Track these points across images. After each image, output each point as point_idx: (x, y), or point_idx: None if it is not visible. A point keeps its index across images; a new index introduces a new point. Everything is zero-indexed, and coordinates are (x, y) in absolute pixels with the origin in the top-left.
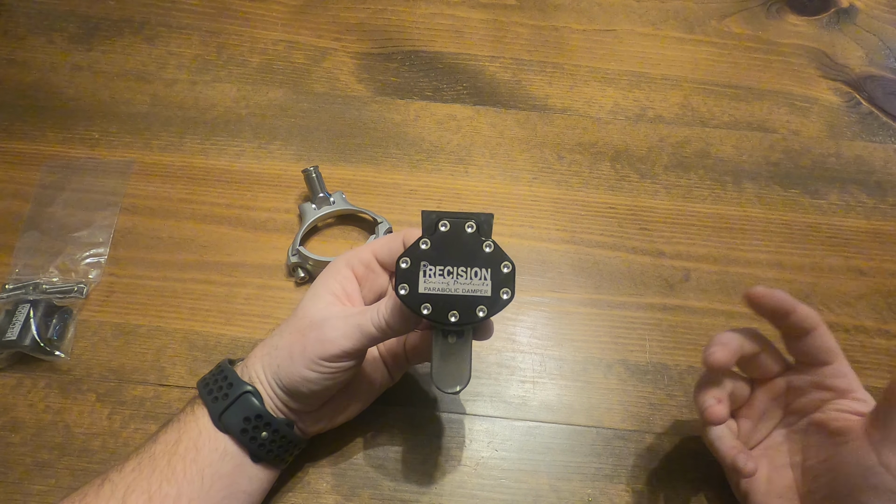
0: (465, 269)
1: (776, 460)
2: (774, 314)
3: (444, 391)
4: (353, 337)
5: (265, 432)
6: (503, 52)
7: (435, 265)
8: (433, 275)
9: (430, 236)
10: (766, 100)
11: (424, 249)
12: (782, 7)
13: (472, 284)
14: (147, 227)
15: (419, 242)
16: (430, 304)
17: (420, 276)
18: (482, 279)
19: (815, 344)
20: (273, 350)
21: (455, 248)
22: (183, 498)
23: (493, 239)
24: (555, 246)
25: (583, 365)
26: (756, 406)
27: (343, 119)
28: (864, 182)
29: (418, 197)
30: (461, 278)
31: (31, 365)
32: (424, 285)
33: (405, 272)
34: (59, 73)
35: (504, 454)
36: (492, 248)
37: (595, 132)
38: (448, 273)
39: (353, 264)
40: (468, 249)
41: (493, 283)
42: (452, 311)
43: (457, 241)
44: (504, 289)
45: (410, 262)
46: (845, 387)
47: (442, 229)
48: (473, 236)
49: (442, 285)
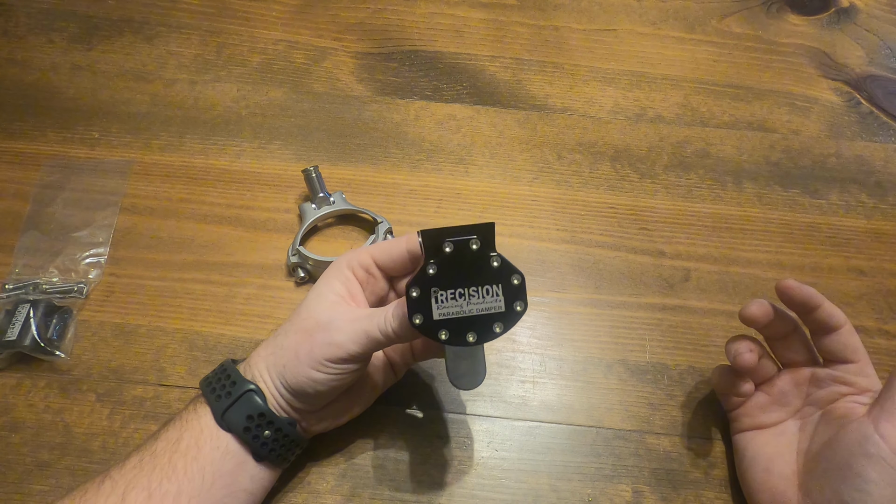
0: (476, 289)
1: (784, 445)
2: (803, 307)
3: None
4: (360, 342)
5: (268, 431)
6: (503, 52)
7: (446, 289)
8: (446, 299)
9: (436, 259)
10: (767, 100)
11: (433, 275)
12: (782, 7)
13: (485, 303)
14: (147, 227)
15: (426, 268)
16: (446, 329)
17: (433, 303)
18: (494, 295)
19: (841, 341)
20: (278, 350)
21: (463, 268)
22: (183, 495)
23: (498, 252)
24: (555, 246)
25: (583, 365)
26: (777, 385)
27: (343, 119)
28: (864, 182)
29: (418, 197)
30: (473, 298)
31: (31, 365)
32: (439, 312)
33: (417, 301)
34: (59, 72)
35: (504, 454)
36: (499, 262)
37: (595, 132)
38: (460, 295)
39: (353, 266)
40: (476, 267)
41: (506, 297)
42: (470, 332)
43: (463, 261)
44: (517, 301)
45: (420, 290)
46: (865, 385)
47: (447, 251)
48: (479, 253)
49: (456, 308)
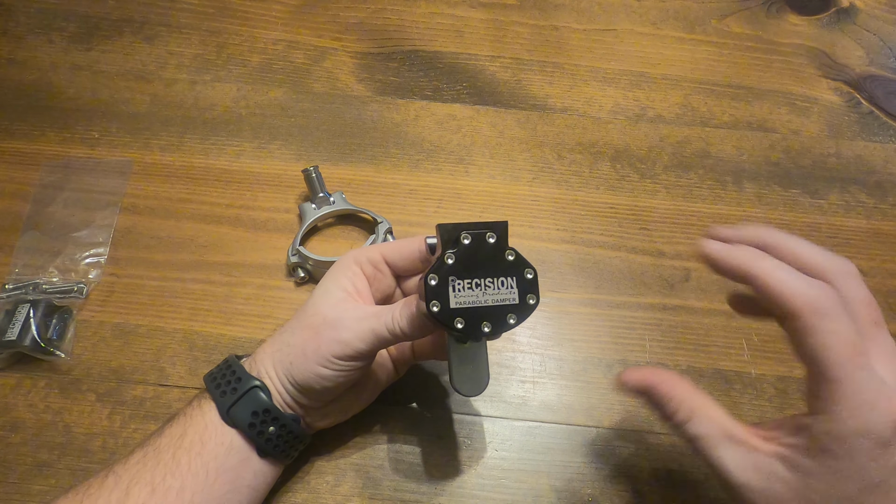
0: (492, 280)
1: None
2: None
3: (463, 395)
4: (367, 340)
5: (273, 427)
6: (503, 52)
7: (463, 279)
8: (462, 288)
9: (454, 250)
10: (766, 100)
11: (451, 264)
12: (782, 7)
13: (500, 294)
14: (147, 226)
15: (444, 257)
16: (462, 317)
17: (450, 291)
18: (509, 287)
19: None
20: (285, 347)
21: (479, 260)
22: (186, 491)
23: (512, 246)
24: (555, 246)
25: (583, 365)
26: None
27: (343, 119)
28: (864, 182)
29: (418, 197)
30: (489, 289)
31: (31, 365)
32: (455, 300)
33: (434, 289)
34: (58, 72)
35: (504, 454)
36: (513, 256)
37: (595, 132)
38: (476, 285)
39: (361, 262)
40: (492, 260)
41: (520, 290)
42: (485, 322)
43: (480, 253)
44: (530, 294)
45: (439, 278)
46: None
47: (465, 242)
48: (495, 246)
49: (472, 298)
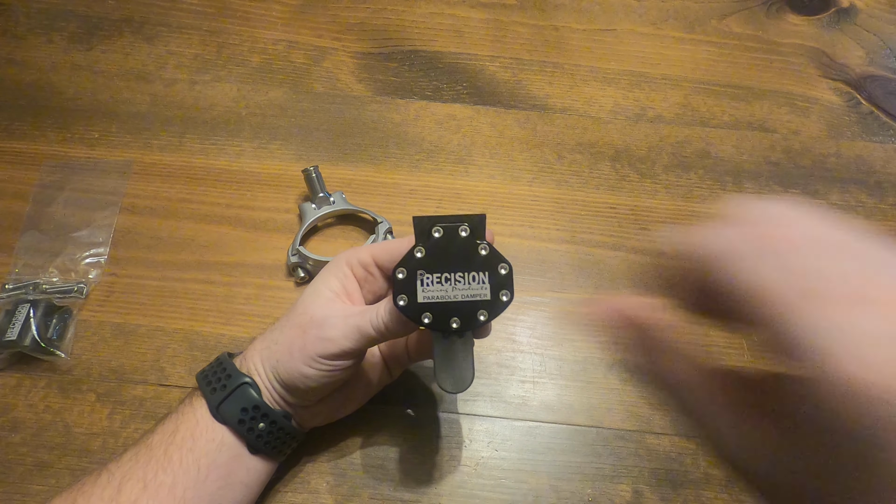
0: (462, 275)
1: None
2: None
3: (447, 392)
4: (352, 338)
5: (262, 423)
6: (503, 52)
7: (432, 273)
8: (431, 283)
9: (425, 244)
10: (766, 100)
11: (420, 258)
12: (782, 7)
13: (470, 289)
14: (147, 227)
15: (414, 251)
16: (430, 312)
17: (418, 285)
18: (480, 283)
19: None
20: (272, 345)
21: (450, 254)
22: (178, 486)
23: (488, 241)
24: (555, 246)
25: (583, 365)
26: None
27: (343, 119)
28: (864, 182)
29: (418, 197)
30: (459, 284)
31: (31, 365)
32: (423, 294)
33: (402, 282)
34: (58, 72)
35: (504, 454)
36: (487, 250)
37: (595, 132)
38: (446, 280)
39: (352, 264)
40: (464, 254)
41: (492, 285)
42: (454, 318)
43: (451, 247)
44: (503, 291)
45: (407, 272)
46: None
47: (436, 235)
48: (468, 240)
49: (441, 293)
